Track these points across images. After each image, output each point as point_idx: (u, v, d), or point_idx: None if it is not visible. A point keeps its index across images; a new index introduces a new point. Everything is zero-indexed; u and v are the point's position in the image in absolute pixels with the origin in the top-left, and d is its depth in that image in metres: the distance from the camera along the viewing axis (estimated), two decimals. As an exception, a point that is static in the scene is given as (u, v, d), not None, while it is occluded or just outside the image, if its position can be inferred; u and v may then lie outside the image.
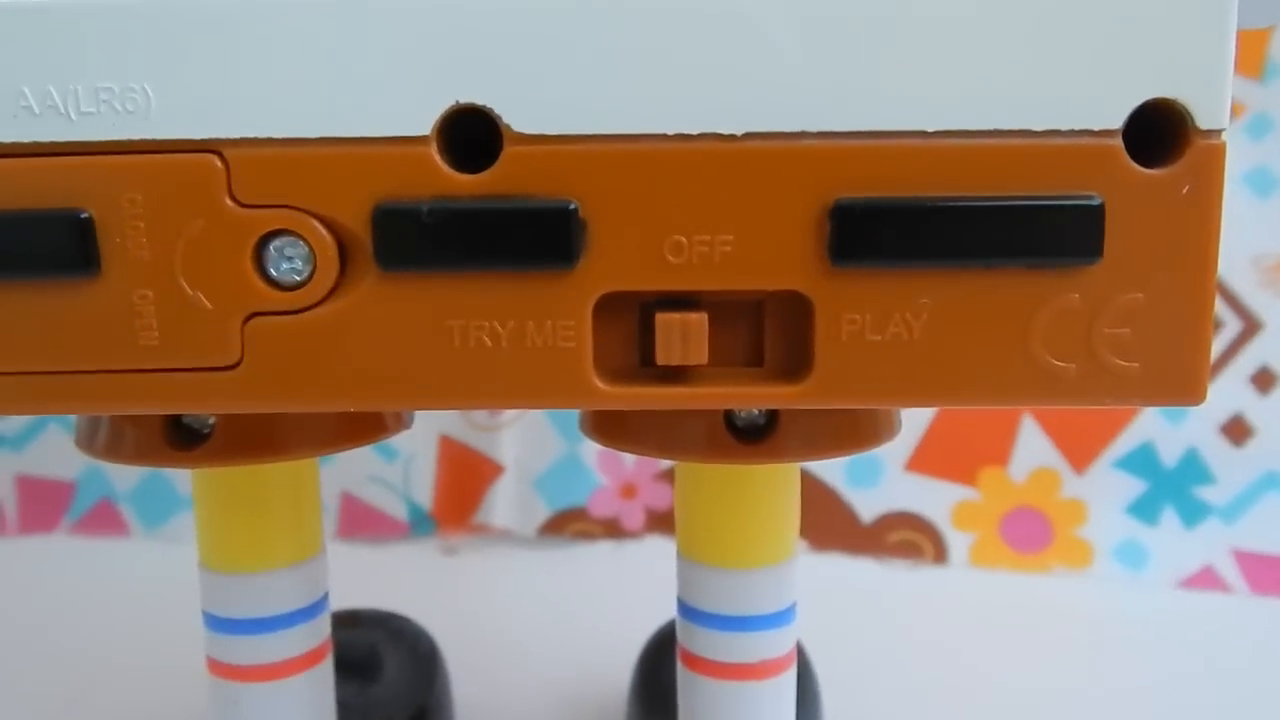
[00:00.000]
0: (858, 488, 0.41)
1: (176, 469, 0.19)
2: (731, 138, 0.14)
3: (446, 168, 0.14)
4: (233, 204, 0.14)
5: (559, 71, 0.14)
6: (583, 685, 0.31)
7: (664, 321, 0.15)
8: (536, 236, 0.14)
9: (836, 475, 0.41)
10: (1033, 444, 0.41)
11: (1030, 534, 0.41)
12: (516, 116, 0.14)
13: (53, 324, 0.15)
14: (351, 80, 0.14)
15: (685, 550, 0.20)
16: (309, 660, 0.20)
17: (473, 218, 0.14)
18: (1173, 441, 0.40)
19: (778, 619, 0.20)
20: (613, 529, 0.42)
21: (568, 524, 0.42)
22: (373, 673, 0.27)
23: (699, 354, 0.15)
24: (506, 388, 0.15)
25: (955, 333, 0.15)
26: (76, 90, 0.14)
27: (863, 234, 0.14)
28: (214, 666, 0.20)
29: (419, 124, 0.14)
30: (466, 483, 0.42)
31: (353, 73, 0.14)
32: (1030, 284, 0.15)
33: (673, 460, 0.19)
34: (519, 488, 0.42)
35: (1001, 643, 0.34)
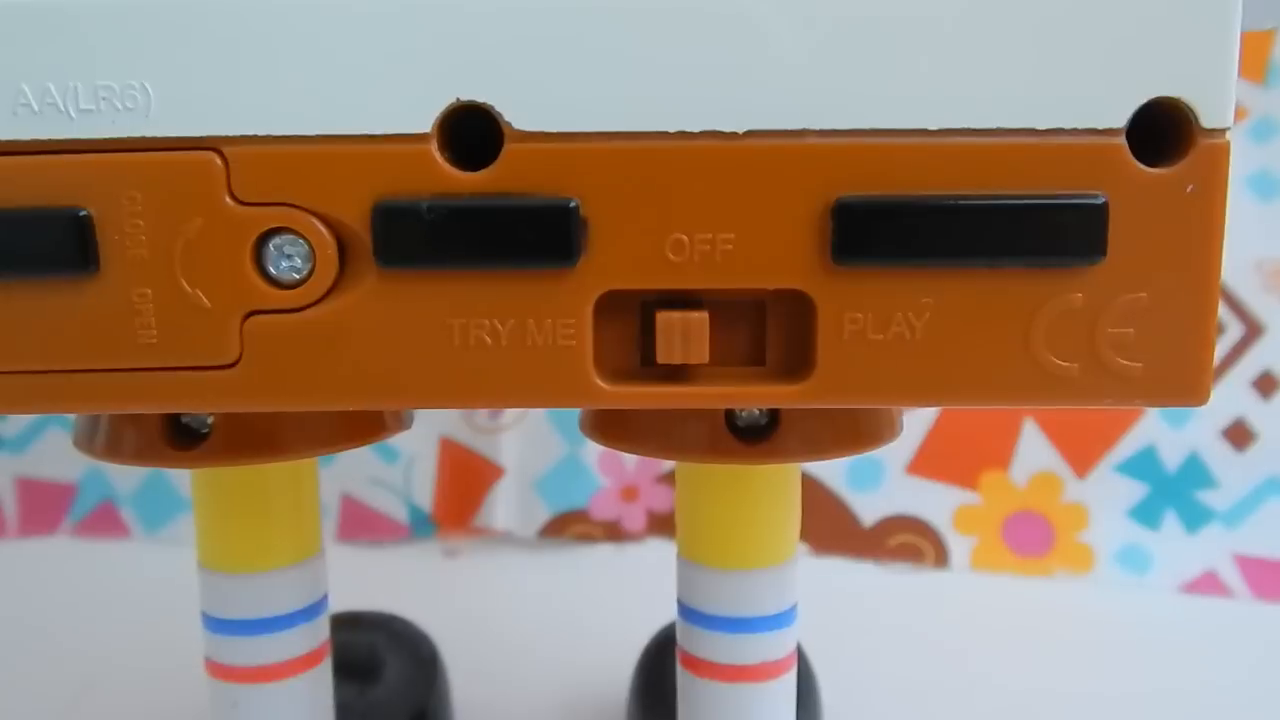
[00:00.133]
0: (859, 491, 0.41)
1: (176, 469, 0.19)
2: (733, 136, 0.14)
3: (447, 165, 0.14)
4: (232, 202, 0.14)
5: (560, 69, 0.14)
6: (583, 688, 0.31)
7: (665, 320, 0.15)
8: (537, 234, 0.14)
9: (838, 478, 0.41)
10: (1034, 447, 0.40)
11: (1032, 538, 0.41)
12: (517, 114, 0.14)
13: (51, 322, 0.15)
14: (351, 78, 0.14)
15: (685, 551, 0.20)
16: (308, 661, 0.20)
17: (473, 215, 0.14)
18: (1174, 445, 0.40)
19: (778, 620, 0.20)
20: (613, 531, 0.42)
21: (568, 526, 0.42)
22: (373, 675, 0.26)
23: (700, 353, 0.15)
24: (507, 387, 0.15)
25: (957, 332, 0.15)
26: (76, 88, 0.14)
27: (865, 233, 0.14)
28: (213, 668, 0.20)
29: (419, 121, 0.14)
30: (467, 485, 0.42)
31: (353, 70, 0.14)
32: (1033, 283, 0.14)
33: (673, 460, 0.19)
34: (520, 490, 0.42)
35: (1002, 647, 0.34)
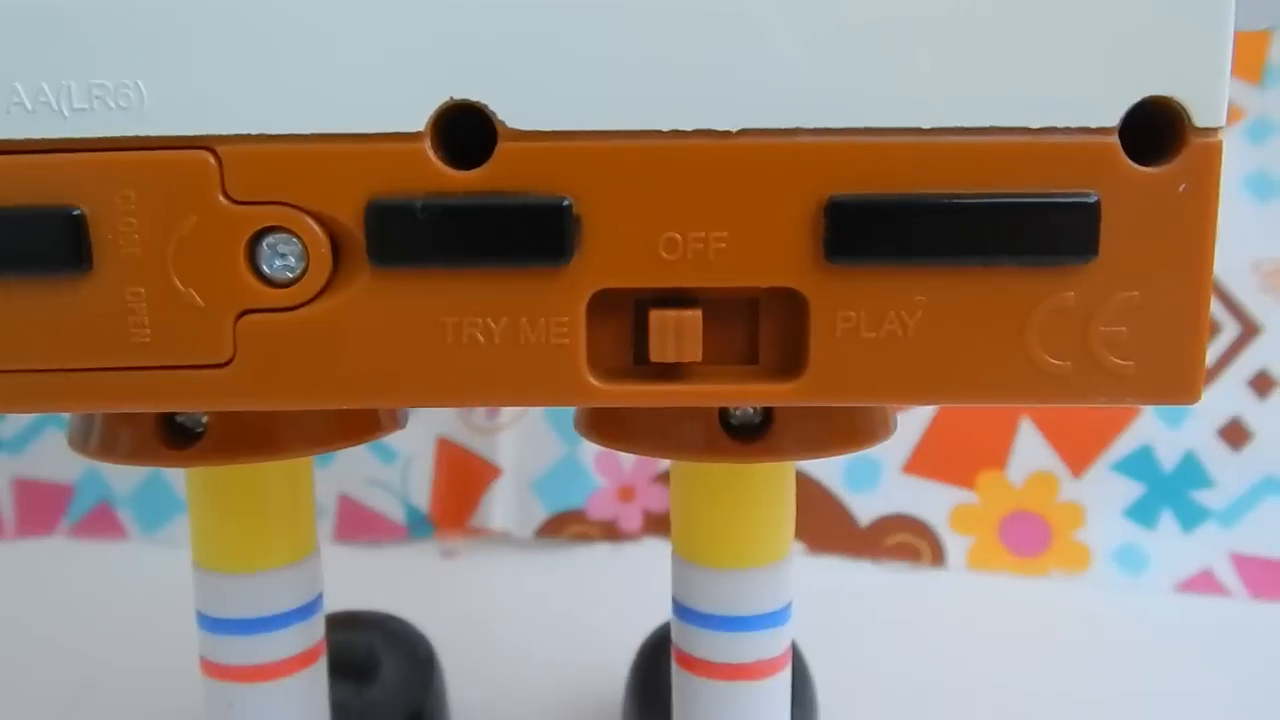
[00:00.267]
0: (855, 490, 0.41)
1: (170, 468, 0.19)
2: (726, 134, 0.14)
3: (440, 164, 0.14)
4: (225, 200, 0.14)
5: (553, 68, 0.14)
6: (579, 687, 0.31)
7: (658, 319, 0.15)
8: (530, 233, 0.14)
9: (834, 477, 0.41)
10: (1031, 447, 0.40)
11: (1028, 537, 0.41)
12: (511, 113, 0.14)
13: (44, 321, 0.15)
14: (345, 76, 0.14)
15: (680, 550, 0.20)
16: (304, 660, 0.20)
17: (466, 214, 0.14)
18: (1171, 445, 0.40)
19: (772, 619, 0.20)
20: (610, 531, 0.42)
21: (565, 526, 0.42)
22: (370, 675, 0.26)
23: (693, 351, 0.15)
24: (500, 385, 0.15)
25: (950, 330, 0.15)
26: (69, 87, 0.14)
27: (857, 231, 0.14)
28: (208, 668, 0.20)
29: (413, 120, 0.14)
30: (464, 485, 0.42)
31: (346, 69, 0.14)
32: (1026, 282, 0.14)
33: (668, 459, 0.19)
34: (517, 490, 0.42)
35: (999, 646, 0.34)
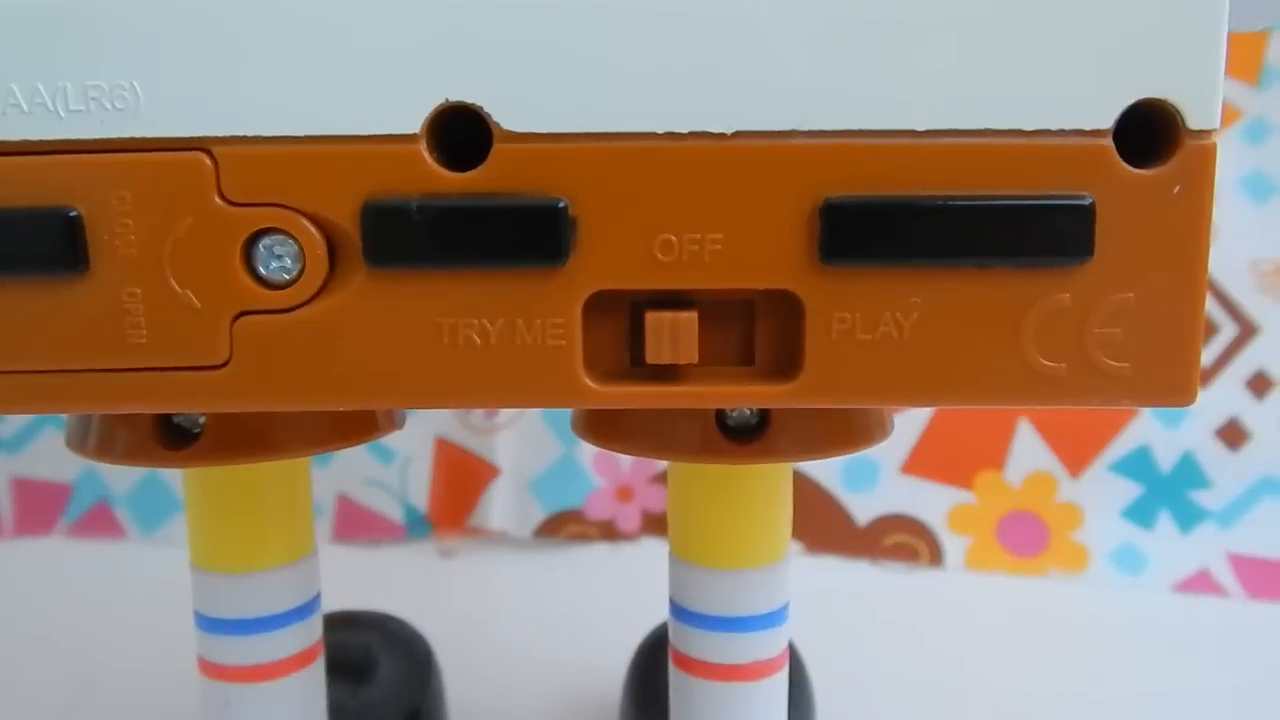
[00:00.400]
0: (853, 490, 0.41)
1: (168, 469, 0.19)
2: (721, 136, 0.14)
3: (436, 165, 0.14)
4: (222, 202, 0.14)
5: (548, 70, 0.14)
6: (577, 687, 0.31)
7: (654, 320, 0.15)
8: (526, 234, 0.14)
9: (832, 478, 0.41)
10: (1029, 447, 0.40)
11: (1026, 537, 0.41)
12: (506, 114, 0.14)
13: (41, 322, 0.15)
14: (341, 78, 0.14)
15: (677, 551, 0.20)
16: (301, 661, 0.20)
17: (462, 215, 0.14)
18: (1169, 445, 0.40)
19: (769, 620, 0.20)
20: (609, 531, 0.42)
21: (564, 526, 0.42)
22: (368, 675, 0.26)
23: (689, 353, 0.15)
24: (496, 386, 0.15)
25: (946, 332, 0.15)
26: (65, 88, 0.14)
27: (852, 233, 0.14)
28: (205, 668, 0.20)
29: (408, 122, 0.14)
30: (462, 485, 0.42)
31: (342, 70, 0.14)
32: (1021, 283, 0.14)
33: (664, 460, 0.19)
34: (515, 490, 0.42)
35: (997, 646, 0.34)
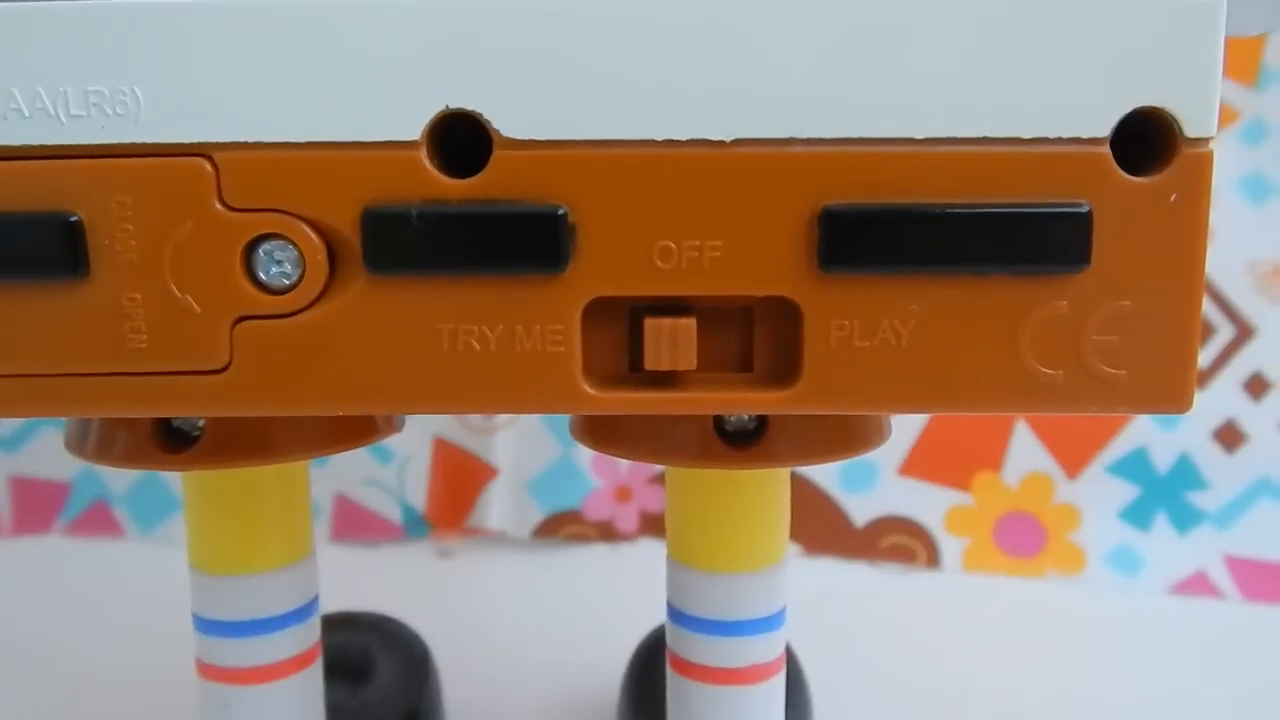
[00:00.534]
0: (851, 492, 0.41)
1: (167, 471, 0.19)
2: (720, 144, 0.14)
3: (436, 172, 0.14)
4: (222, 207, 0.14)
5: (548, 77, 0.14)
6: (575, 689, 0.31)
7: (653, 326, 0.15)
8: (526, 241, 0.14)
9: (830, 479, 0.41)
10: (1026, 449, 0.41)
11: (1023, 539, 0.41)
12: (506, 121, 0.14)
13: (41, 326, 0.15)
14: (341, 84, 0.14)
15: (675, 554, 0.20)
16: (299, 663, 0.20)
17: (462, 222, 0.14)
18: (1165, 447, 0.40)
19: (767, 624, 0.20)
20: (607, 532, 0.42)
21: (562, 527, 0.42)
22: (365, 676, 0.27)
23: (688, 359, 0.15)
24: (495, 392, 0.15)
25: (943, 339, 0.15)
26: (66, 93, 0.14)
27: (851, 240, 0.14)
28: (204, 669, 0.20)
29: (409, 128, 0.14)
30: (461, 485, 0.42)
31: (343, 77, 0.14)
32: (1018, 291, 0.15)
33: (663, 465, 0.19)
34: (513, 490, 0.42)
35: (994, 648, 0.34)
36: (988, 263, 0.14)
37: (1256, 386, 0.39)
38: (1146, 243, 0.14)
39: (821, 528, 0.41)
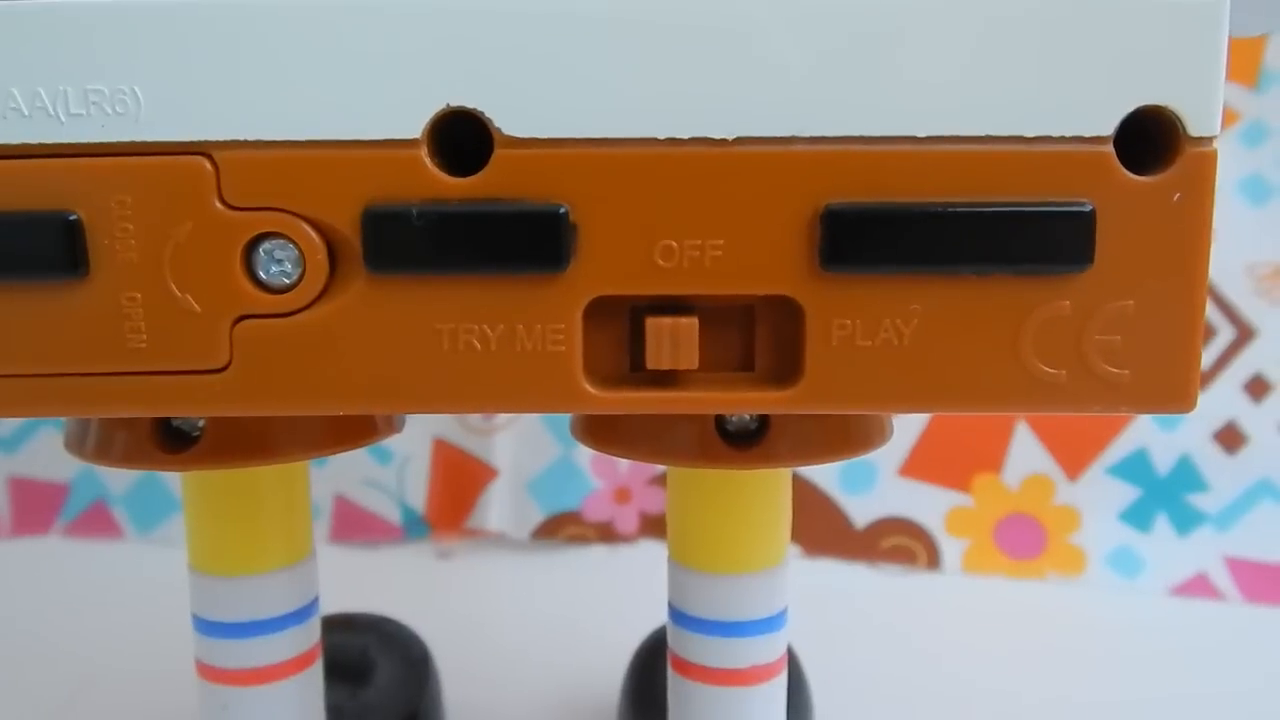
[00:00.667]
0: (851, 493, 0.41)
1: (166, 471, 0.19)
2: (722, 142, 0.14)
3: (437, 171, 0.14)
4: (222, 206, 0.14)
5: (550, 75, 0.14)
6: (575, 690, 0.31)
7: (654, 326, 0.15)
8: (527, 240, 0.14)
9: (830, 480, 0.41)
10: (1026, 450, 0.41)
11: (1024, 540, 0.41)
12: (507, 119, 0.14)
13: (41, 326, 0.15)
14: (342, 83, 0.14)
15: (676, 555, 0.20)
16: (299, 664, 0.20)
17: (463, 221, 0.14)
18: (1166, 448, 0.40)
19: (768, 624, 0.20)
20: (606, 533, 0.42)
21: (561, 528, 0.42)
22: (365, 677, 0.26)
23: (689, 359, 0.15)
24: (496, 391, 0.15)
25: (946, 339, 0.15)
26: (66, 92, 0.14)
27: (853, 239, 0.14)
28: (203, 670, 0.20)
29: (409, 127, 0.14)
30: (460, 486, 0.42)
31: (343, 75, 0.14)
32: (1021, 290, 0.14)
33: (664, 465, 0.19)
34: (513, 491, 0.42)
35: (994, 649, 0.34)
36: (990, 262, 0.14)
37: (1257, 388, 0.39)
38: (1149, 242, 0.14)
39: (822, 529, 0.41)
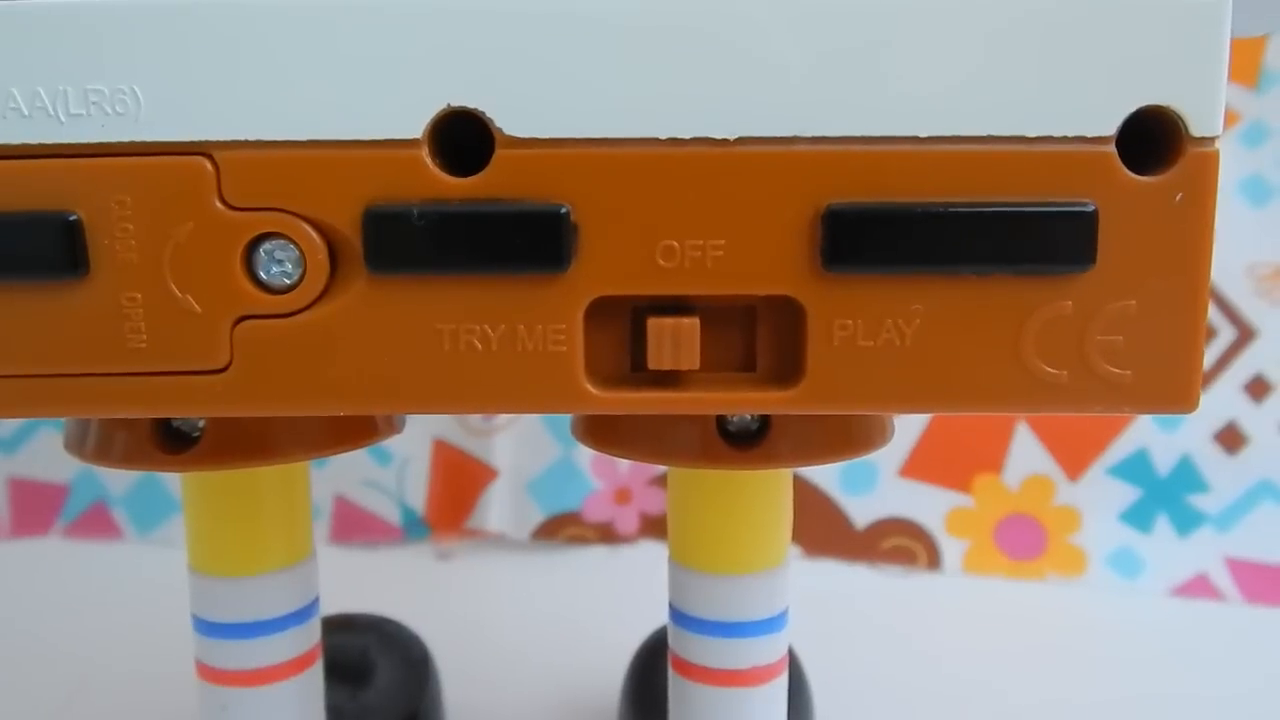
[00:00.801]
0: (852, 494, 0.41)
1: (166, 472, 0.19)
2: (724, 142, 0.14)
3: (438, 171, 0.14)
4: (222, 206, 0.14)
5: (551, 75, 0.14)
6: (575, 691, 0.31)
7: (656, 326, 0.15)
8: (528, 240, 0.14)
9: (831, 481, 0.41)
10: (1027, 451, 0.40)
11: (1024, 541, 0.41)
12: (508, 119, 0.14)
13: (41, 326, 0.15)
14: (343, 83, 0.14)
15: (677, 556, 0.20)
16: (299, 665, 0.20)
17: (464, 221, 0.14)
18: (1166, 449, 0.40)
19: (769, 625, 0.20)
20: (606, 534, 0.42)
21: (561, 528, 0.42)
22: (365, 678, 0.26)
23: (691, 359, 0.15)
24: (497, 392, 0.15)
25: (948, 339, 0.15)
26: (66, 92, 0.14)
27: (855, 239, 0.14)
28: (203, 671, 0.20)
29: (410, 127, 0.14)
30: (460, 487, 0.42)
31: (344, 75, 0.14)
32: (1023, 290, 0.14)
33: (665, 465, 0.19)
34: (513, 492, 0.42)
35: (995, 650, 0.34)
36: (992, 262, 0.14)
37: (1257, 388, 0.39)
38: (1152, 242, 0.14)
39: (822, 529, 0.41)
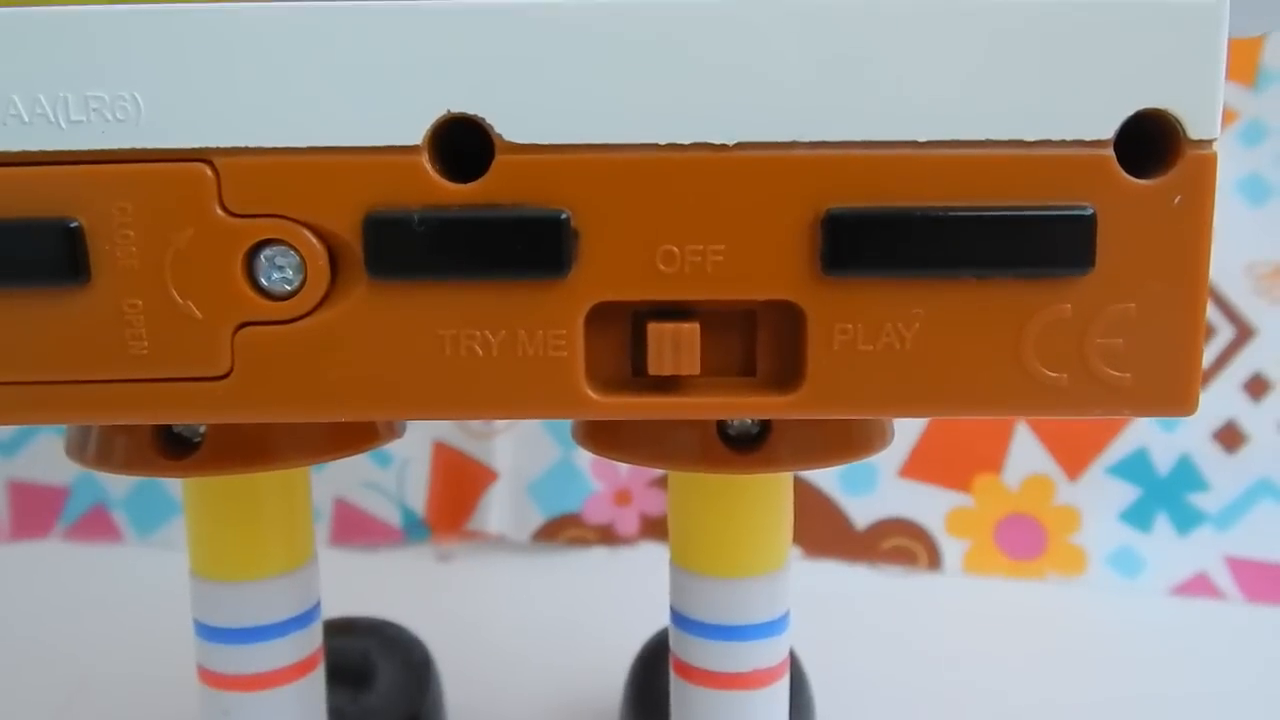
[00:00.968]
0: (852, 494, 0.41)
1: (168, 478, 0.19)
2: (723, 147, 0.14)
3: (438, 177, 0.14)
4: (223, 213, 0.14)
5: (550, 81, 0.14)
6: (576, 693, 0.31)
7: (656, 331, 0.15)
8: (528, 245, 0.14)
9: (831, 482, 0.41)
10: (1027, 451, 0.41)
11: (1024, 541, 0.41)
12: (508, 126, 0.14)
13: (42, 333, 0.15)
14: (343, 89, 0.14)
15: (678, 559, 0.20)
16: (300, 669, 0.20)
17: (464, 227, 0.14)
18: (1166, 448, 0.40)
19: (770, 628, 0.20)
20: (607, 535, 0.42)
21: (562, 530, 0.42)
22: (366, 681, 0.26)
23: (691, 364, 0.15)
24: (497, 397, 0.15)
25: (947, 343, 0.15)
26: (66, 99, 0.14)
27: (854, 244, 0.14)
28: (205, 676, 0.20)
29: (410, 133, 0.14)
30: (461, 489, 0.42)
31: (344, 82, 0.14)
32: (1022, 294, 0.14)
33: (665, 470, 0.19)
34: (513, 494, 0.42)
35: (995, 649, 0.34)
36: (991, 266, 0.14)
37: (1256, 387, 0.39)
38: (1150, 245, 0.14)
39: (822, 530, 0.41)
